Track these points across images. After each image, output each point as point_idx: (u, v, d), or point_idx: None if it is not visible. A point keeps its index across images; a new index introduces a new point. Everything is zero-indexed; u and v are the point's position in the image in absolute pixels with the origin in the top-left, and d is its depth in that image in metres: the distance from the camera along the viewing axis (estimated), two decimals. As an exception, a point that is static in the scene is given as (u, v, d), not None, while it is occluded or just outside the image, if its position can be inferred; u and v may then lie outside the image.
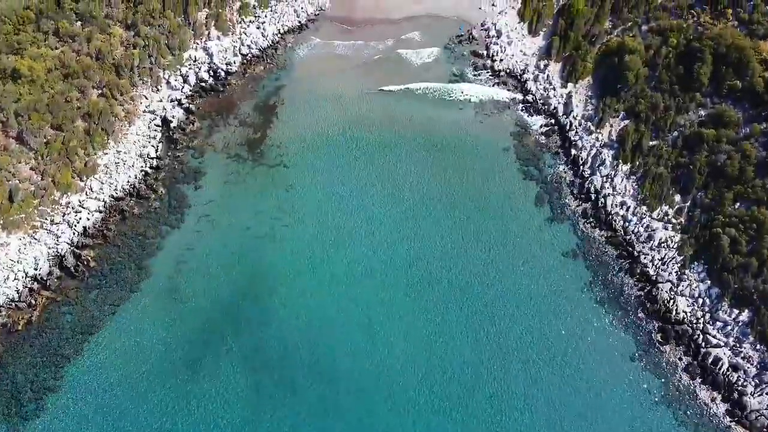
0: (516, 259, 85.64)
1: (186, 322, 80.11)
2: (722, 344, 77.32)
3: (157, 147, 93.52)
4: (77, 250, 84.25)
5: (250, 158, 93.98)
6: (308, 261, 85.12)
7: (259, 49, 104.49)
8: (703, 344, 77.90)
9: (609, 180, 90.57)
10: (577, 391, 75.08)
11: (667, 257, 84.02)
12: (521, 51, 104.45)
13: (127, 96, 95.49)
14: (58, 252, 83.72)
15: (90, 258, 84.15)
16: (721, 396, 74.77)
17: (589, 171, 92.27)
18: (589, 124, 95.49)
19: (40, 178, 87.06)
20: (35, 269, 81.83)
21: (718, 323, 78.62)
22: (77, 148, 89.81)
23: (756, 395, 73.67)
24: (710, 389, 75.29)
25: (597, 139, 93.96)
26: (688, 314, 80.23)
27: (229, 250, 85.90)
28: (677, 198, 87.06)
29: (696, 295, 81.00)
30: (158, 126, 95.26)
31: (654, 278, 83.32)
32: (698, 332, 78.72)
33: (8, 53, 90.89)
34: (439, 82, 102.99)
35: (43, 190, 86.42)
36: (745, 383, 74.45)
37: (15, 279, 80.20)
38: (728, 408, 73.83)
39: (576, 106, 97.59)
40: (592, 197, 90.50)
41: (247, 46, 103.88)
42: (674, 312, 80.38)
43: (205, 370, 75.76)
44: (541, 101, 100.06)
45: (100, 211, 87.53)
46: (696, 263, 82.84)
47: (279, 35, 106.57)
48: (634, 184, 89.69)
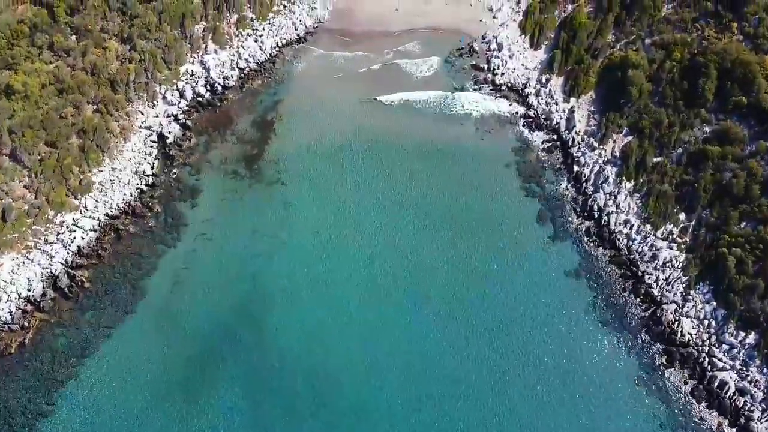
0: (517, 277, 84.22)
1: (182, 343, 78.72)
2: (728, 368, 75.82)
3: (153, 164, 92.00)
4: (71, 271, 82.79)
5: (247, 175, 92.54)
6: (307, 280, 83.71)
7: (257, 63, 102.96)
8: (708, 367, 76.43)
9: (612, 197, 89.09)
10: (579, 415, 73.71)
11: (671, 277, 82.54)
12: (523, 64, 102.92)
13: (122, 111, 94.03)
14: (51, 272, 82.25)
15: (84, 278, 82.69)
16: (727, 421, 73.29)
17: (592, 188, 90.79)
18: (591, 140, 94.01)
19: (33, 196, 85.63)
20: (29, 290, 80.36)
21: (724, 346, 77.14)
22: (72, 165, 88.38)
23: (763, 420, 72.20)
24: (716, 414, 73.73)
25: (600, 155, 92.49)
26: (694, 336, 78.76)
27: (226, 269, 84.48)
28: (682, 216, 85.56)
29: (701, 317, 79.50)
30: (154, 142, 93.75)
31: (658, 299, 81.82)
32: (704, 355, 77.23)
33: (2, 68, 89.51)
34: (440, 96, 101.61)
35: (37, 209, 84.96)
36: (752, 408, 72.99)
37: (8, 300, 78.77)
38: (735, 433, 72.49)
39: (578, 121, 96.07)
40: (595, 215, 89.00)
41: (245, 59, 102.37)
42: (679, 334, 78.91)
43: (202, 393, 74.36)
44: (543, 116, 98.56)
45: (94, 230, 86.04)
46: (701, 284, 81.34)
47: (277, 48, 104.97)
48: (637, 201, 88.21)
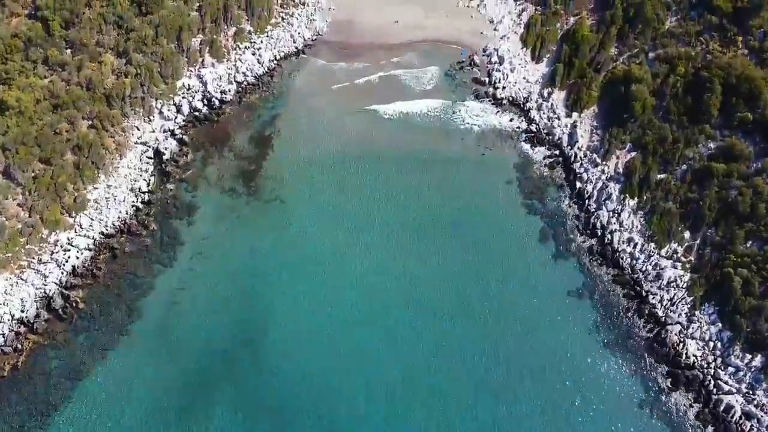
0: (519, 297, 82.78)
1: (178, 366, 77.23)
2: (734, 391, 74.42)
3: (149, 180, 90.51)
4: (66, 291, 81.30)
5: (245, 192, 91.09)
6: (305, 301, 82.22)
7: (255, 76, 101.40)
8: (714, 390, 75.02)
9: (616, 215, 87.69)
10: (583, 441, 72.50)
11: (676, 297, 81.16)
12: (524, 78, 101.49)
13: (118, 127, 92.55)
14: (45, 293, 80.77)
15: (79, 299, 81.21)
16: (733, 446, 72.11)
17: (595, 205, 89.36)
18: (594, 155, 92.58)
19: (27, 214, 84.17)
20: (22, 312, 78.88)
21: (730, 368, 75.77)
22: (66, 182, 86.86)
23: (770, 446, 70.95)
24: (722, 439, 72.61)
25: (603, 171, 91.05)
26: (699, 358, 77.38)
27: (223, 289, 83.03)
28: (686, 235, 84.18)
29: (707, 339, 78.16)
30: (150, 158, 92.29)
31: (663, 320, 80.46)
32: (709, 378, 75.89)
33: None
34: (440, 110, 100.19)
35: (31, 228, 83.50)
36: (759, 433, 71.77)
37: (1, 322, 77.20)
38: (741, 459, 71.09)
39: (581, 136, 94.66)
40: (599, 233, 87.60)
41: (243, 73, 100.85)
42: (684, 356, 77.58)
43: (198, 418, 72.86)
44: (545, 131, 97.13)
45: (89, 249, 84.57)
46: (707, 304, 79.95)
47: (275, 61, 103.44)
48: (641, 219, 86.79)
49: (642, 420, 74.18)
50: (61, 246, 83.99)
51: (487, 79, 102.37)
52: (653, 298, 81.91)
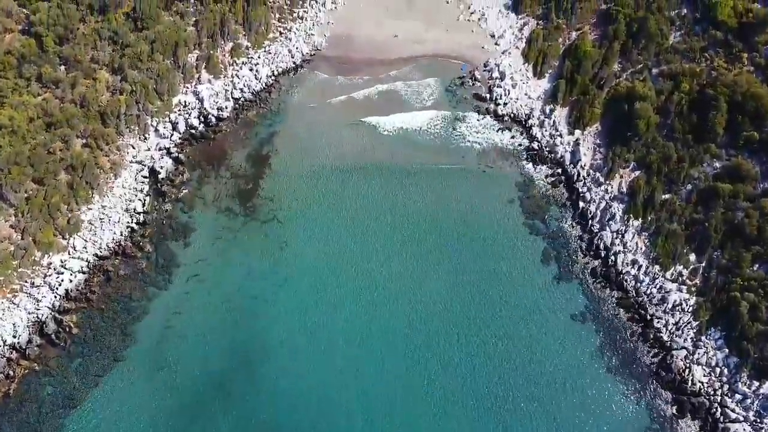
0: (521, 321, 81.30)
1: (173, 393, 76.17)
2: (741, 419, 72.84)
3: (145, 201, 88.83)
4: (59, 316, 79.94)
5: (241, 212, 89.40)
6: (303, 324, 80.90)
7: (252, 93, 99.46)
8: (721, 419, 73.46)
9: (619, 236, 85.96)
10: (587, 471, 71.05)
11: (681, 322, 79.49)
12: (526, 94, 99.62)
13: (113, 146, 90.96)
14: (38, 318, 79.36)
15: (72, 324, 79.80)
16: (741, 477, 70.57)
17: (598, 226, 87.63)
18: (597, 174, 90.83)
19: (20, 236, 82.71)
20: (14, 337, 77.57)
21: (737, 396, 74.14)
22: (60, 203, 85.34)
23: (778, 477, 69.36)
24: (730, 469, 71.04)
25: (606, 191, 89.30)
26: (705, 385, 75.76)
27: (220, 313, 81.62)
28: (692, 257, 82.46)
29: (713, 364, 76.50)
30: (146, 177, 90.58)
31: (668, 345, 78.80)
32: (716, 405, 74.25)
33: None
34: (440, 127, 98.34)
35: (24, 250, 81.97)
36: (767, 463, 70.17)
37: (-8, 348, 76.00)
38: (749, 491, 69.61)
39: (584, 154, 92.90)
40: (602, 254, 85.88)
41: (240, 89, 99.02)
42: (690, 382, 75.95)
43: (193, 446, 71.79)
44: (547, 149, 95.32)
45: (83, 272, 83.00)
46: (713, 329, 78.27)
47: (273, 77, 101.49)
48: (645, 240, 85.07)
49: (647, 449, 72.91)
50: (55, 269, 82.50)
51: (488, 95, 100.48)
52: (658, 322, 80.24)
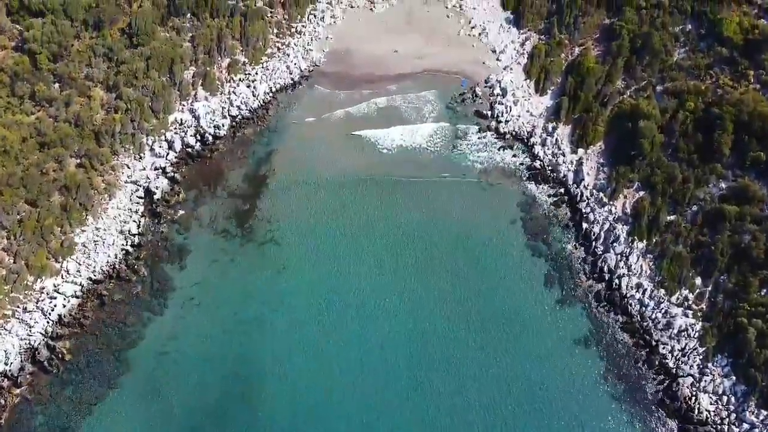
0: (523, 346, 79.64)
1: (169, 421, 74.68)
2: (749, 449, 71.40)
3: (140, 222, 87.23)
4: (51, 342, 78.35)
5: (238, 234, 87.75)
6: (301, 351, 79.23)
7: (250, 110, 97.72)
8: (728, 449, 72.02)
9: (624, 258, 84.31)
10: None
11: (688, 348, 77.84)
12: (528, 111, 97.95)
13: (107, 165, 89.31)
14: (30, 344, 77.74)
15: (65, 350, 78.18)
16: None
17: (602, 248, 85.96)
18: (601, 194, 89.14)
19: (12, 260, 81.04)
20: (6, 364, 75.95)
21: (744, 425, 72.44)
22: (53, 225, 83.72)
23: None
24: (737, 501, 69.42)
25: (610, 212, 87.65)
26: (712, 414, 74.06)
27: (216, 338, 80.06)
28: (698, 281, 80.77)
29: (720, 392, 74.81)
30: (141, 198, 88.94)
31: (674, 371, 77.16)
32: (723, 435, 72.78)
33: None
34: (441, 145, 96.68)
35: (16, 274, 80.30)
36: (775, 495, 68.54)
37: (-18, 377, 74.40)
38: None
39: (587, 174, 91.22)
40: (606, 277, 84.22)
41: (237, 107, 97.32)
42: (696, 411, 74.25)
43: (188, 478, 70.28)
44: (550, 168, 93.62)
45: (76, 297, 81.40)
46: (719, 356, 76.62)
47: (270, 94, 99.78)
48: (650, 263, 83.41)
49: (653, 480, 71.39)
50: (47, 293, 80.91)
51: (489, 112, 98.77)
52: (663, 348, 78.59)
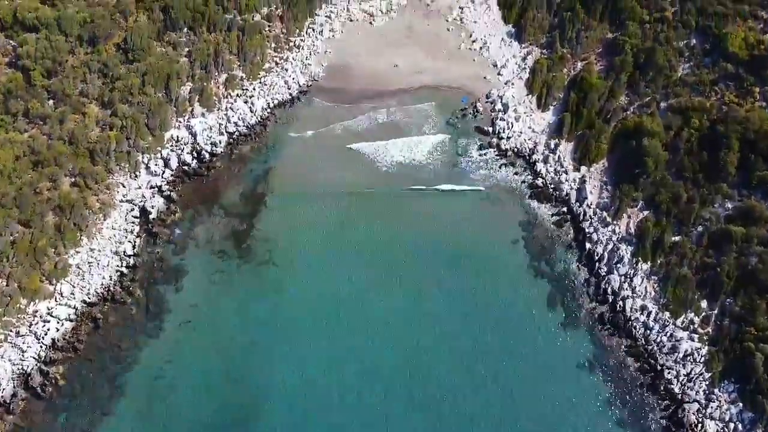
0: (525, 371, 77.95)
1: (165, 449, 73.16)
2: (757, 478, 69.90)
3: (135, 242, 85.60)
4: (45, 367, 76.60)
5: (235, 254, 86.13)
6: (301, 376, 77.51)
7: (247, 126, 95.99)
8: (735, 478, 70.56)
9: (628, 280, 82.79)
10: None
11: (693, 373, 76.32)
12: (530, 127, 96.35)
13: (102, 184, 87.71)
14: (23, 369, 76.08)
15: (59, 375, 76.54)
16: None
17: (606, 269, 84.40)
18: (604, 214, 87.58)
19: (5, 283, 79.39)
20: (-2, 391, 74.47)
21: (752, 454, 71.19)
22: (47, 247, 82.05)
23: None
24: None
25: (614, 231, 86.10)
26: (719, 442, 72.74)
27: (213, 363, 78.38)
28: (704, 304, 79.25)
29: (726, 419, 73.30)
30: (136, 218, 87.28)
31: (680, 397, 75.65)
32: (730, 463, 71.33)
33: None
34: (441, 161, 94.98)
35: (8, 297, 78.66)
36: None
37: (-26, 404, 72.83)
38: None
39: (590, 192, 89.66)
40: (610, 299, 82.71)
41: (234, 123, 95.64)
42: (703, 439, 72.97)
43: None
44: (552, 186, 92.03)
45: (70, 320, 79.76)
46: (726, 381, 75.15)
47: (268, 110, 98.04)
48: (655, 285, 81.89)
49: None
50: (41, 317, 79.27)
51: (490, 128, 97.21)
52: (669, 372, 77.05)
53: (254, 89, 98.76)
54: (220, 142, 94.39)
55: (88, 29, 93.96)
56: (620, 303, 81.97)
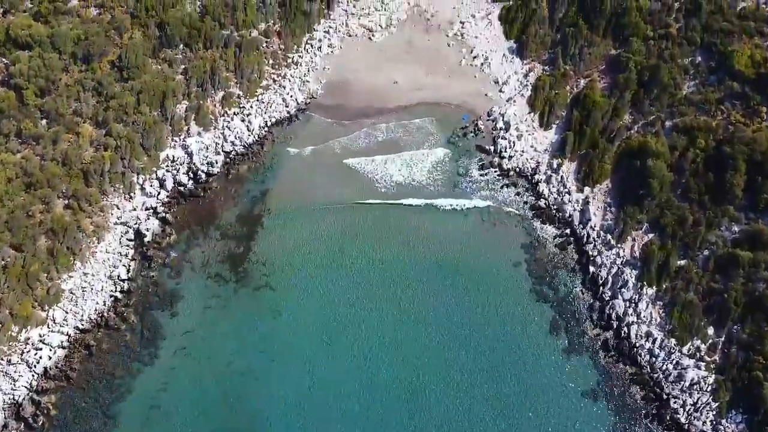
0: (528, 399, 76.73)
1: (159, 482, 71.57)
2: None
3: (129, 266, 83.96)
4: (36, 396, 75.16)
5: (232, 278, 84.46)
6: (298, 403, 76.30)
7: (244, 145, 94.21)
8: None
9: (633, 305, 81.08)
10: None
11: (700, 402, 74.66)
12: (532, 146, 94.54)
13: (96, 207, 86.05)
14: (14, 399, 74.69)
15: (51, 405, 75.16)
16: None
17: (610, 293, 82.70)
18: (608, 236, 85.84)
19: (-4, 309, 77.96)
20: (-12, 422, 72.88)
21: (760, 486, 69.47)
22: (39, 272, 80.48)
23: None
24: None
25: (618, 255, 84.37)
26: (726, 474, 71.07)
27: (208, 390, 77.08)
28: (710, 331, 77.59)
29: (734, 451, 71.79)
30: (130, 240, 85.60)
31: (686, 427, 73.99)
32: (738, 496, 69.63)
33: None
34: (441, 181, 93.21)
35: (0, 324, 77.17)
36: None
37: (-36, 436, 71.23)
38: None
39: (594, 214, 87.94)
40: (614, 325, 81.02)
41: (231, 142, 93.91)
42: (710, 471, 71.29)
43: None
44: (555, 207, 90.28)
45: (63, 347, 78.22)
46: (734, 411, 73.50)
47: (266, 128, 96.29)
48: (660, 311, 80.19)
49: None
50: (33, 344, 77.71)
51: (491, 147, 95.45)
52: (675, 402, 75.41)
53: (251, 107, 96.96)
54: (217, 162, 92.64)
55: (82, 46, 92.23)
56: (625, 329, 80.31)
